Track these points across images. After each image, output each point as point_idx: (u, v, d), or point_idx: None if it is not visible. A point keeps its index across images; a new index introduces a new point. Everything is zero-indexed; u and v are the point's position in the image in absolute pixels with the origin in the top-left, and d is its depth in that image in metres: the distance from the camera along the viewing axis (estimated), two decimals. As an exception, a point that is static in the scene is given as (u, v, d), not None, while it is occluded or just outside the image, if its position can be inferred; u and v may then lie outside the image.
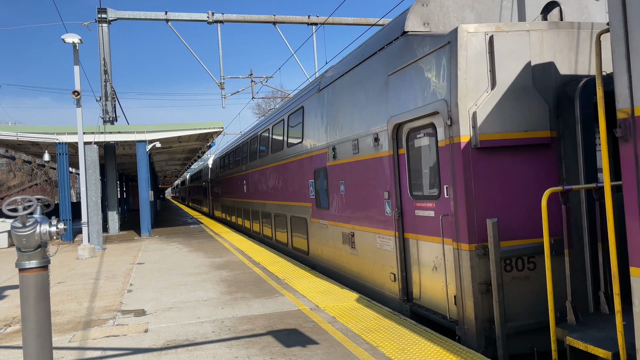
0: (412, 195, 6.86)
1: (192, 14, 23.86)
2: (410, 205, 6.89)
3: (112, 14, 22.89)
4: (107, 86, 22.74)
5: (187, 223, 27.87)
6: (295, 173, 12.23)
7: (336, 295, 8.06)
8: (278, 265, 11.33)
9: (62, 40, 14.12)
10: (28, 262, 3.75)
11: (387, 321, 6.40)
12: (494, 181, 5.56)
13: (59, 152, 19.54)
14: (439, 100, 5.88)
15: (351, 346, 5.50)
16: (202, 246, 16.01)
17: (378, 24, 24.23)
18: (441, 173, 6.07)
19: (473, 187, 5.50)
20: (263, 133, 16.01)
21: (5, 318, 7.80)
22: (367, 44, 8.39)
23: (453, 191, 5.70)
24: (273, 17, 24.54)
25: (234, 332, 6.28)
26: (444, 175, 6.02)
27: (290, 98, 14.64)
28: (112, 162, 22.64)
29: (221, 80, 24.62)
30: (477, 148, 5.49)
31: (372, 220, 7.94)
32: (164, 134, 20.81)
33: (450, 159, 5.73)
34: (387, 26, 7.72)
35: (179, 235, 20.32)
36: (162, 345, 5.91)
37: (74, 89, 14.56)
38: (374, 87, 7.73)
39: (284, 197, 13.58)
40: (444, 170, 6.00)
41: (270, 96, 54.56)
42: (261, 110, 79.80)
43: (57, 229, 3.80)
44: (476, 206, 5.49)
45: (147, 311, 7.68)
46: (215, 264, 12.00)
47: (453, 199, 5.71)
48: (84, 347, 6.03)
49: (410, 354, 5.16)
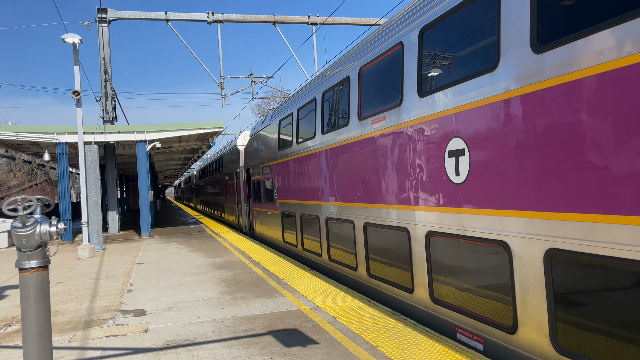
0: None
1: (192, 14, 23.88)
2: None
3: (112, 14, 22.90)
4: (107, 86, 22.74)
5: (187, 223, 27.88)
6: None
7: (336, 295, 8.06)
8: (278, 265, 11.33)
9: (62, 40, 14.13)
10: (28, 262, 3.75)
11: (387, 321, 6.40)
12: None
13: (59, 152, 19.55)
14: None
15: (351, 346, 5.50)
16: (202, 246, 16.01)
17: (378, 24, 24.25)
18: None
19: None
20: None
21: (5, 318, 7.80)
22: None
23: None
24: (273, 17, 24.55)
25: (233, 332, 6.28)
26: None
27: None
28: (112, 162, 22.65)
29: (221, 80, 24.63)
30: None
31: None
32: (164, 134, 20.82)
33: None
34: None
35: (179, 235, 20.32)
36: (162, 345, 5.91)
37: (74, 89, 14.56)
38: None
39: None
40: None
41: (270, 96, 54.61)
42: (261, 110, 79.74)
43: (57, 229, 3.80)
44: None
45: (147, 311, 7.68)
46: (215, 264, 12.00)
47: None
48: (84, 347, 6.03)
49: (410, 354, 5.16)
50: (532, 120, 4.65)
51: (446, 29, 6.17)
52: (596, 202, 4.04)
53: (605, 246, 3.97)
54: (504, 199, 5.08)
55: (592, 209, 4.08)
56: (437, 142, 6.23)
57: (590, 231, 4.10)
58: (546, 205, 4.54)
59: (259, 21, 24.58)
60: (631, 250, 3.76)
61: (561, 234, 4.39)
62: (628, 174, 3.76)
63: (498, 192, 5.16)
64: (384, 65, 7.82)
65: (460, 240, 5.86)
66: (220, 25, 24.06)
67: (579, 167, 4.18)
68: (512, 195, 4.94)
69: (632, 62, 3.69)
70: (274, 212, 15.18)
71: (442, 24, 6.19)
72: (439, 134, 6.19)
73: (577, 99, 4.17)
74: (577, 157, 4.18)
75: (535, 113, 4.62)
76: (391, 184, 7.51)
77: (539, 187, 4.60)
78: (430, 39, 6.50)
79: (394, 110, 7.30)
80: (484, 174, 5.38)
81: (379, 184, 7.91)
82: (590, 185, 4.09)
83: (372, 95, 8.24)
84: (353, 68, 8.89)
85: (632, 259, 3.75)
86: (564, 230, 4.36)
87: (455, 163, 5.87)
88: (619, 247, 3.86)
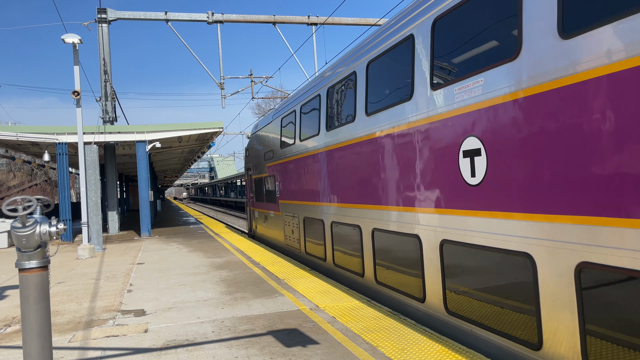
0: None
1: (192, 14, 23.88)
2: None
3: (112, 14, 22.90)
4: (107, 86, 22.74)
5: (187, 223, 27.87)
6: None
7: (336, 295, 8.06)
8: (278, 266, 11.32)
9: (62, 41, 14.13)
10: (28, 262, 3.75)
11: (387, 321, 6.40)
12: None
13: (58, 152, 19.55)
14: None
15: (351, 346, 5.50)
16: (202, 246, 16.01)
17: (377, 24, 24.24)
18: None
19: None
20: None
21: (5, 318, 7.80)
22: None
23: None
24: (273, 17, 24.54)
25: (233, 332, 6.28)
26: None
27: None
28: (112, 162, 22.65)
29: (221, 80, 24.62)
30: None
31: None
32: (163, 134, 20.82)
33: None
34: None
35: (179, 235, 20.32)
36: (162, 345, 5.91)
37: (74, 89, 14.56)
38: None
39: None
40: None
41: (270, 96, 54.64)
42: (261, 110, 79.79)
43: (57, 229, 3.80)
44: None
45: (147, 311, 7.67)
46: (215, 264, 12.00)
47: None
48: (84, 347, 6.02)
49: (410, 354, 5.16)
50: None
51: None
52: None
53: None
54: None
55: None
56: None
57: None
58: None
59: (258, 21, 24.58)
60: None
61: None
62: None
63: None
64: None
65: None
66: (220, 26, 24.06)
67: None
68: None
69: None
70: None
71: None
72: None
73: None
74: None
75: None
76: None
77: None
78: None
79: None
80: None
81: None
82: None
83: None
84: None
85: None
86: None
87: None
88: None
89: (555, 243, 4.26)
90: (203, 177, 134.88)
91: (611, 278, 3.68)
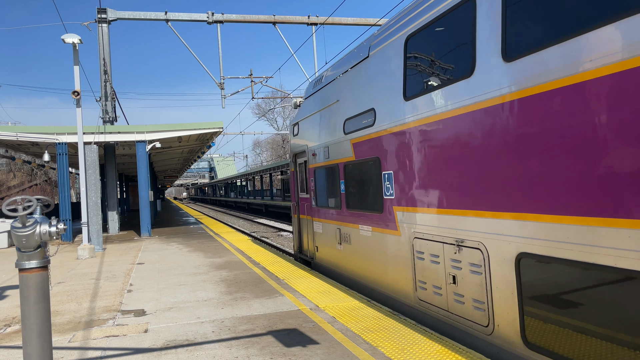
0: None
1: (192, 14, 23.87)
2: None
3: (112, 14, 22.90)
4: (107, 86, 22.74)
5: (187, 223, 27.87)
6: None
7: (336, 295, 8.06)
8: (278, 266, 11.32)
9: (62, 41, 14.13)
10: (28, 262, 3.75)
11: (387, 321, 6.40)
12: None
13: (58, 152, 19.55)
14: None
15: (351, 346, 5.50)
16: (202, 246, 16.01)
17: (378, 24, 24.24)
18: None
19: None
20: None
21: (5, 318, 7.80)
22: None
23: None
24: (273, 17, 24.54)
25: (233, 332, 6.28)
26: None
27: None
28: (112, 162, 22.65)
29: (221, 80, 24.62)
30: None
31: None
32: (163, 134, 20.83)
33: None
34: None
35: (179, 236, 20.32)
36: (162, 345, 5.91)
37: (74, 89, 14.56)
38: None
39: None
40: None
41: (270, 96, 54.65)
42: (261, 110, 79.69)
43: (57, 229, 3.80)
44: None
45: (147, 311, 7.68)
46: (215, 264, 12.00)
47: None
48: (84, 347, 6.03)
49: (410, 354, 5.16)
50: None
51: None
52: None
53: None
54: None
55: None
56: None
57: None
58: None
59: (258, 21, 24.58)
60: None
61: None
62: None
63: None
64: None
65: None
66: (220, 26, 24.05)
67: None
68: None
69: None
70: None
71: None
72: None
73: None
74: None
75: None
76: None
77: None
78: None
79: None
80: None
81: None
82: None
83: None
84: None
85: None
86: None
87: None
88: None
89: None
90: (203, 177, 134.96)
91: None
